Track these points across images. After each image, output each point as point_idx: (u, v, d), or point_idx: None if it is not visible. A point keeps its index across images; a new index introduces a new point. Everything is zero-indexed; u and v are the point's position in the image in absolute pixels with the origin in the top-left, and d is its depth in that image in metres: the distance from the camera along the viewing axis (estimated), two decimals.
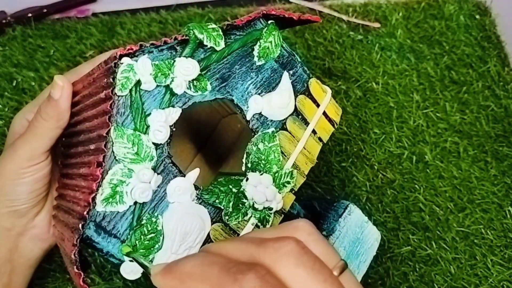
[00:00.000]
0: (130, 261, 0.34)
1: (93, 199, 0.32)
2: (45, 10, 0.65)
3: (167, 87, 0.35)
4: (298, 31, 0.65)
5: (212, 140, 0.52)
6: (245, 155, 0.39)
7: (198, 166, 0.37)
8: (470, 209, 0.56)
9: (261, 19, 0.40)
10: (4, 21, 0.64)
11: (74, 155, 0.38)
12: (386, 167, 0.58)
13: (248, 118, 0.39)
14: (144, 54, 0.34)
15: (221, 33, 0.37)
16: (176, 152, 0.49)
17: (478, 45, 0.66)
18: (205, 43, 0.36)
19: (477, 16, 0.68)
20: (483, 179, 0.58)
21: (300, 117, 0.41)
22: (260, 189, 0.38)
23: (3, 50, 0.62)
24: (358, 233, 0.46)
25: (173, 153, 0.36)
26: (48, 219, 0.43)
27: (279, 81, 0.40)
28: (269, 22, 0.40)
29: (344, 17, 0.66)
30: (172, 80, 0.35)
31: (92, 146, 0.34)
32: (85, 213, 0.32)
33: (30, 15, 0.64)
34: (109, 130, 0.32)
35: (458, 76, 0.64)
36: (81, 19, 0.65)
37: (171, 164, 0.35)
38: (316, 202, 0.50)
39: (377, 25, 0.66)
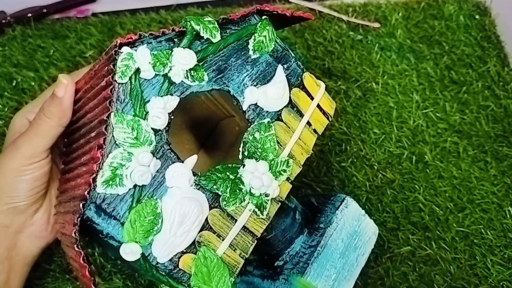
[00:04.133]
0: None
1: (94, 180, 0.33)
2: (45, 10, 0.65)
3: (166, 76, 0.36)
4: (298, 31, 0.66)
5: (210, 142, 0.52)
6: (241, 144, 0.40)
7: (200, 161, 0.38)
8: (470, 209, 0.56)
9: (255, 15, 0.42)
10: (4, 21, 0.64)
11: (76, 150, 0.39)
12: (386, 167, 0.58)
13: (244, 108, 0.40)
14: (143, 44, 0.36)
15: (217, 26, 0.39)
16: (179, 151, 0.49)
17: (478, 45, 0.66)
18: (201, 34, 0.38)
19: (477, 16, 0.68)
20: (483, 179, 0.58)
21: (295, 109, 0.43)
22: (256, 175, 0.39)
23: (3, 50, 0.62)
24: (356, 226, 0.47)
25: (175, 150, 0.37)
26: (46, 217, 0.44)
27: (274, 74, 0.42)
28: (263, 17, 0.42)
29: (344, 17, 0.67)
30: (170, 69, 0.36)
31: (93, 134, 0.36)
32: (85, 193, 0.33)
33: (30, 15, 0.64)
34: (110, 114, 0.34)
35: (458, 76, 0.64)
36: (81, 19, 0.66)
37: (170, 151, 0.37)
38: (314, 198, 0.50)
39: (377, 25, 0.66)
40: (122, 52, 0.34)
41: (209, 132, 0.53)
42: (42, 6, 0.66)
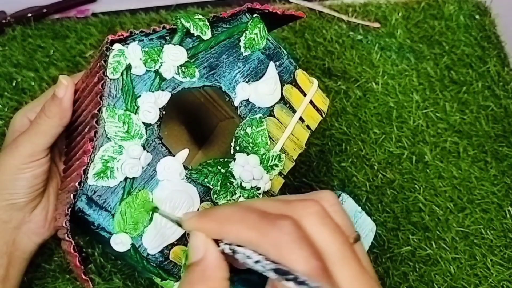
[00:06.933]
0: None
1: (85, 171, 0.35)
2: (45, 10, 0.66)
3: (157, 72, 0.37)
4: (298, 31, 0.66)
5: (209, 144, 0.52)
6: (233, 139, 0.41)
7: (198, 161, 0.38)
8: (470, 209, 0.56)
9: (246, 14, 0.43)
10: (4, 21, 0.64)
11: (73, 148, 0.41)
12: (386, 167, 0.58)
13: (236, 104, 0.41)
14: (134, 41, 0.37)
15: (207, 23, 0.40)
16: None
17: (478, 45, 0.66)
18: (191, 31, 0.39)
19: (477, 16, 0.69)
20: (483, 179, 0.58)
21: (287, 105, 0.44)
22: (247, 168, 0.40)
23: (3, 50, 0.62)
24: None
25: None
26: (44, 214, 0.45)
27: (266, 72, 0.43)
28: (254, 15, 0.43)
29: (344, 17, 0.67)
30: (161, 65, 0.38)
31: (86, 129, 0.37)
32: (76, 184, 0.34)
33: (30, 15, 0.65)
34: (101, 107, 0.35)
35: (458, 76, 0.64)
36: (81, 19, 0.66)
37: (161, 145, 0.38)
38: None
39: (377, 25, 0.67)
40: (113, 49, 0.35)
41: (208, 134, 0.53)
42: (42, 6, 0.66)
